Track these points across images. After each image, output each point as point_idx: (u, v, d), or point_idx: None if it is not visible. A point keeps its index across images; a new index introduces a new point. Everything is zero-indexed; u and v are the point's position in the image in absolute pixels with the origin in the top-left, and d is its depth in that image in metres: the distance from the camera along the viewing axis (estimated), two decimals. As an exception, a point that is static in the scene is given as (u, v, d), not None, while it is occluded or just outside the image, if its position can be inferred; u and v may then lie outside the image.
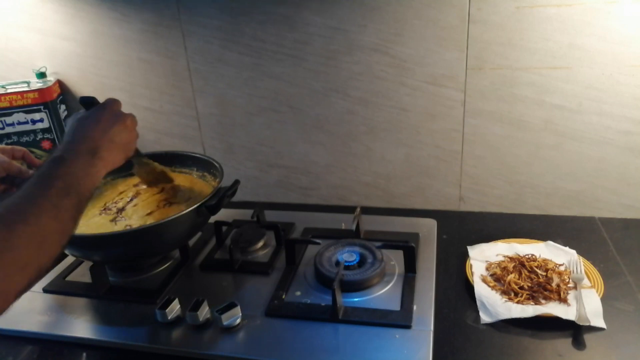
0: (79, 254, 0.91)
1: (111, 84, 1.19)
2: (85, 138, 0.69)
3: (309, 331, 0.78)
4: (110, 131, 0.72)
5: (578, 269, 0.86)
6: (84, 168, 0.65)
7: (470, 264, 0.90)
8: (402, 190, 1.16)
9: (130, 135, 0.76)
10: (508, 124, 1.03)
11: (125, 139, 0.75)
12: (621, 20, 0.89)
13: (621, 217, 1.05)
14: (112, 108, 0.76)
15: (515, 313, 0.77)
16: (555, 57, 0.95)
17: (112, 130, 0.72)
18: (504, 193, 1.10)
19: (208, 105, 1.17)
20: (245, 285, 0.91)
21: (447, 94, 1.03)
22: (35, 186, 0.58)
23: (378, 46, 1.02)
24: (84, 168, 0.65)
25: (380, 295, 0.85)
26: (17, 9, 1.15)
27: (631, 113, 0.96)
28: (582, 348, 0.72)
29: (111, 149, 0.71)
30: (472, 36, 0.97)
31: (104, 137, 0.71)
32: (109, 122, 0.73)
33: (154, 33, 1.12)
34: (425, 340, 0.74)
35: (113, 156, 0.71)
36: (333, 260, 0.91)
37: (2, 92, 1.16)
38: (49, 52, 1.19)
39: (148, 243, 0.88)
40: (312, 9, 1.01)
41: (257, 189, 1.25)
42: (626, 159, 1.00)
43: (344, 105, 1.10)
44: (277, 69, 1.09)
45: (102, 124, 0.72)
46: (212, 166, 1.03)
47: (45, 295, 0.92)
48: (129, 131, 0.76)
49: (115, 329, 0.82)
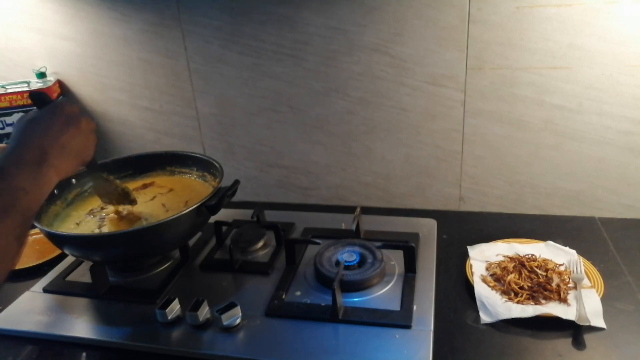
0: (79, 254, 0.91)
1: (111, 84, 1.19)
2: (31, 145, 0.62)
3: (309, 331, 0.78)
4: (62, 136, 0.65)
5: (578, 269, 0.86)
6: (30, 179, 0.58)
7: (470, 264, 0.90)
8: (402, 190, 1.16)
9: (86, 141, 0.70)
10: (508, 124, 1.03)
11: (79, 145, 0.68)
12: (621, 20, 0.89)
13: (621, 217, 1.05)
14: (64, 109, 0.68)
15: (515, 313, 0.77)
16: (555, 57, 0.95)
17: (65, 135, 0.65)
18: (504, 193, 1.10)
19: (208, 105, 1.17)
20: (245, 285, 0.91)
21: (447, 94, 1.03)
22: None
23: (378, 46, 1.02)
24: (30, 179, 0.58)
25: (380, 295, 0.85)
26: (17, 9, 1.15)
27: (631, 113, 0.96)
28: (582, 348, 0.72)
29: (62, 156, 0.64)
30: (472, 36, 0.97)
31: (55, 143, 0.64)
32: (61, 126, 0.65)
33: (154, 33, 1.12)
34: (425, 340, 0.74)
35: (65, 164, 0.65)
36: (333, 260, 0.91)
37: (2, 92, 1.16)
38: (49, 52, 1.19)
39: (148, 243, 0.88)
40: (312, 9, 1.01)
41: (257, 189, 1.25)
42: (626, 159, 1.00)
43: (344, 105, 1.10)
44: (277, 69, 1.09)
45: (52, 128, 0.65)
46: (212, 166, 1.03)
47: (45, 295, 0.92)
48: (85, 136, 0.69)
49: (115, 329, 0.82)
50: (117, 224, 0.95)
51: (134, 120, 1.22)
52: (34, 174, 0.59)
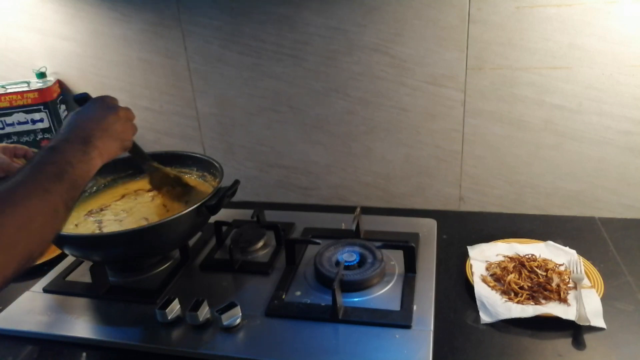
0: (79, 254, 0.91)
1: (111, 84, 1.19)
2: (77, 128, 0.70)
3: (309, 331, 0.78)
4: (104, 121, 0.73)
5: (578, 269, 0.86)
6: (76, 155, 0.65)
7: (470, 264, 0.90)
8: (402, 190, 1.16)
9: (125, 126, 0.77)
10: (508, 124, 1.03)
11: (120, 129, 0.75)
12: (621, 20, 0.89)
13: (621, 217, 1.05)
14: (105, 100, 0.77)
15: (515, 313, 0.77)
16: (555, 57, 0.95)
17: (106, 120, 0.73)
18: (504, 193, 1.10)
19: (208, 105, 1.17)
20: (245, 285, 0.91)
21: (447, 94, 1.03)
22: (27, 172, 0.58)
23: (378, 46, 1.02)
24: (76, 155, 0.65)
25: (380, 295, 0.85)
26: (17, 9, 1.15)
27: (631, 113, 0.96)
28: (582, 348, 0.72)
29: (105, 138, 0.71)
30: (472, 36, 0.97)
31: (97, 127, 0.71)
32: (102, 113, 0.74)
33: (154, 33, 1.12)
34: (425, 340, 0.74)
35: (107, 145, 0.72)
36: (333, 260, 0.91)
37: (2, 92, 1.16)
38: (49, 52, 1.19)
39: (148, 243, 0.88)
40: (312, 9, 1.01)
41: (257, 189, 1.25)
42: (626, 159, 1.00)
43: (344, 105, 1.10)
44: (277, 69, 1.09)
45: (94, 114, 0.73)
46: (212, 166, 1.03)
47: (45, 295, 0.92)
48: (123, 121, 0.76)
49: (115, 329, 0.82)
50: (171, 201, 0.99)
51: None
52: (81, 151, 0.66)
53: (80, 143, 0.67)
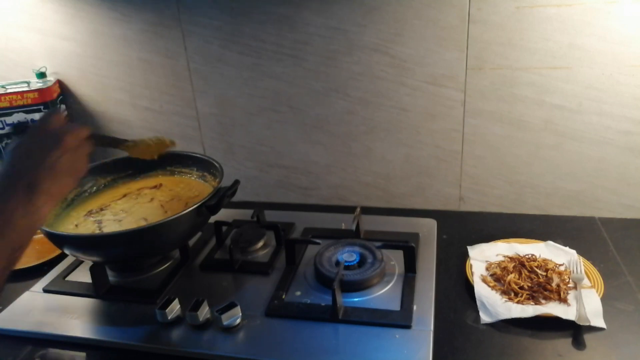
0: (79, 254, 0.91)
1: (111, 84, 1.19)
2: (19, 172, 0.58)
3: (309, 331, 0.78)
4: (47, 158, 0.60)
5: (578, 269, 0.86)
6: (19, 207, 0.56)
7: (470, 264, 0.90)
8: (402, 190, 1.16)
9: (74, 157, 0.63)
10: (508, 124, 1.03)
11: (67, 164, 0.62)
12: (621, 20, 0.89)
13: (621, 217, 1.05)
14: (45, 130, 0.64)
15: (515, 313, 0.77)
16: (555, 57, 0.95)
17: (49, 156, 0.60)
18: (504, 193, 1.10)
19: (208, 105, 1.17)
20: (245, 285, 0.91)
21: (447, 94, 1.03)
22: None
23: (378, 46, 1.02)
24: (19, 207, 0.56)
25: (380, 295, 0.85)
26: (17, 9, 1.15)
27: (631, 113, 0.96)
28: (582, 348, 0.72)
29: (52, 179, 0.60)
30: (472, 36, 0.97)
31: (41, 166, 0.59)
32: (43, 148, 0.61)
33: (154, 33, 1.12)
34: (425, 340, 0.74)
35: (56, 185, 0.60)
36: (333, 260, 0.91)
37: (2, 92, 1.16)
38: (49, 52, 1.19)
39: (148, 243, 0.88)
40: (312, 9, 1.01)
41: (257, 189, 1.25)
42: (626, 159, 1.00)
43: (344, 105, 1.10)
44: (277, 69, 1.09)
45: (35, 150, 0.61)
46: (212, 166, 1.03)
47: (45, 295, 0.92)
48: (71, 153, 0.63)
49: (115, 329, 0.82)
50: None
51: (134, 120, 1.22)
52: (25, 202, 0.57)
53: (24, 192, 0.57)
